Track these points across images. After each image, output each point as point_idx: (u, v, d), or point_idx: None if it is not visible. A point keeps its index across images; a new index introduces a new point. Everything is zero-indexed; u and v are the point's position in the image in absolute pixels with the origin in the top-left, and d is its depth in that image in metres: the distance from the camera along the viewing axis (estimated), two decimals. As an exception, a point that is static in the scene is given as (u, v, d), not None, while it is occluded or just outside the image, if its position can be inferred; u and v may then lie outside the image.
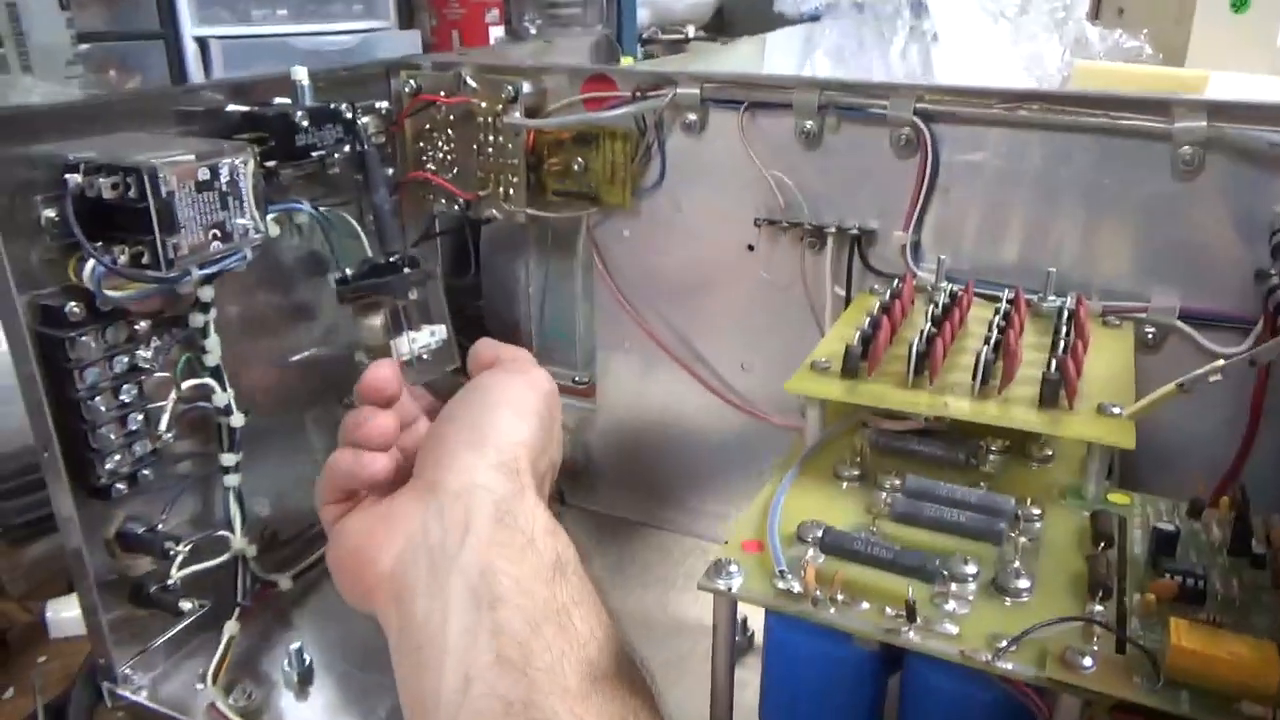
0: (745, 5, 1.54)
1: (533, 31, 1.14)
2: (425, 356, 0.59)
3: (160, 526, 0.52)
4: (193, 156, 0.46)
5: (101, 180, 0.44)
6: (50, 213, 0.45)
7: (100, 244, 0.45)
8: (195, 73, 1.03)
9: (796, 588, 0.35)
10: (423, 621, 0.35)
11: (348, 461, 0.41)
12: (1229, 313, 0.49)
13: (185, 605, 0.52)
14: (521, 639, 0.33)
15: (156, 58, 1.03)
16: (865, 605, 0.34)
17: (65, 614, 0.60)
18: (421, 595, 0.35)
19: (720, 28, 1.60)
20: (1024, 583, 0.35)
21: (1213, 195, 0.49)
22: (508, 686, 0.32)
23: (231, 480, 0.55)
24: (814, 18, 1.34)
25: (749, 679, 0.41)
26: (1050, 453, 0.44)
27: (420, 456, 0.41)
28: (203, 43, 1.02)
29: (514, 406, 0.42)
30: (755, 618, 0.44)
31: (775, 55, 1.23)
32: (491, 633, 0.33)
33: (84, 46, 0.94)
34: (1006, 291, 0.51)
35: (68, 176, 0.44)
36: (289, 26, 1.08)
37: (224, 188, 0.48)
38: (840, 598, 0.34)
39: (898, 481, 0.41)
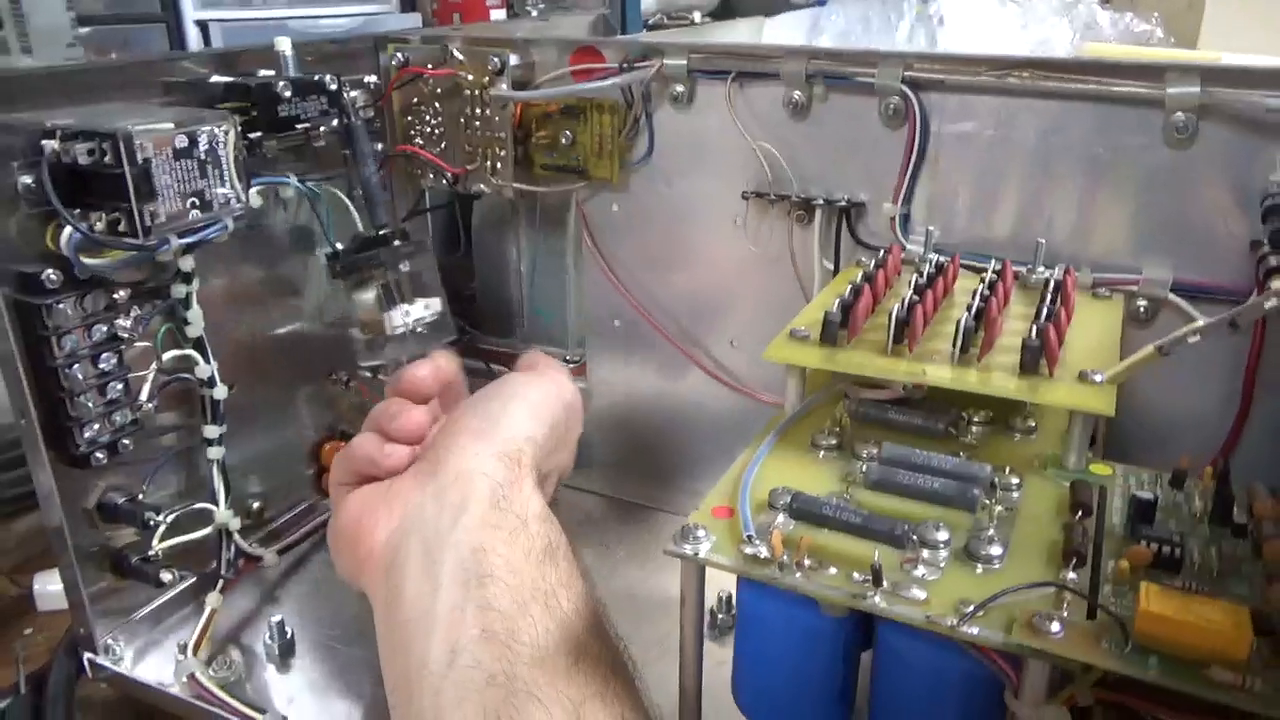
0: (752, -10, 1.53)
1: (534, 14, 1.13)
2: (420, 329, 0.59)
3: (142, 497, 0.52)
4: (170, 124, 0.46)
5: (78, 146, 0.44)
6: (27, 179, 0.45)
7: (77, 211, 0.45)
8: (197, 56, 1.03)
9: (764, 553, 0.34)
10: (413, 596, 0.35)
11: (371, 449, 0.41)
12: (1224, 285, 0.48)
13: (166, 577, 0.52)
14: (508, 615, 0.33)
15: (158, 41, 1.03)
16: (833, 571, 0.34)
17: (52, 587, 0.60)
18: (413, 571, 0.36)
19: (727, 13, 1.58)
20: (996, 550, 0.34)
21: (1207, 163, 0.47)
22: (492, 659, 0.32)
23: (215, 452, 0.55)
24: (820, 2, 1.33)
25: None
26: (1033, 424, 0.43)
27: (432, 440, 0.42)
28: (204, 26, 1.02)
29: (530, 404, 0.42)
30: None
31: (781, 39, 1.22)
32: (479, 608, 0.33)
33: (85, 29, 0.95)
34: (994, 263, 0.50)
35: (44, 143, 0.44)
36: (291, 10, 1.08)
37: (203, 156, 0.48)
38: (807, 563, 0.34)
39: (875, 451, 0.40)
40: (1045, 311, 0.43)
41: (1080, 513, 0.36)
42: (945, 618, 0.31)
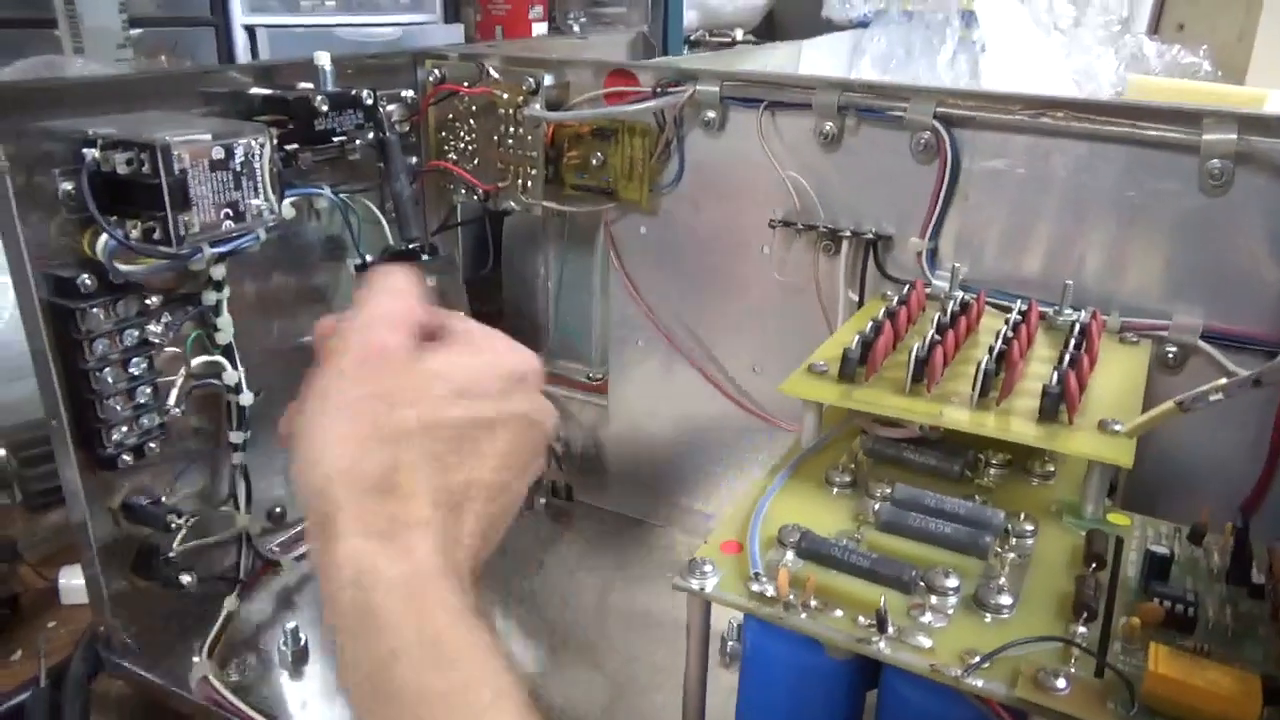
0: (795, 9, 1.53)
1: (576, 29, 1.14)
2: None
3: (165, 500, 0.53)
4: (208, 135, 0.47)
5: (117, 156, 0.45)
6: (68, 186, 0.46)
7: (114, 218, 0.46)
8: (242, 60, 1.05)
9: (770, 591, 0.34)
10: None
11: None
12: (1256, 335, 0.47)
13: (186, 579, 0.53)
14: None
15: (206, 43, 1.05)
16: (839, 613, 0.33)
17: (76, 581, 0.61)
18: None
19: (770, 32, 1.59)
20: (1006, 599, 0.34)
21: (1243, 211, 0.47)
22: None
23: (238, 458, 0.56)
24: (863, 24, 1.33)
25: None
26: (1052, 469, 0.43)
27: None
28: (251, 31, 1.04)
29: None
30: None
31: (821, 60, 1.22)
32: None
33: (136, 31, 0.97)
34: (1020, 303, 0.50)
35: (85, 151, 0.45)
36: (337, 17, 1.10)
37: (238, 168, 0.49)
38: (814, 604, 0.34)
39: (889, 490, 0.40)
40: (1068, 357, 0.42)
41: (1094, 564, 0.36)
42: (950, 668, 0.31)
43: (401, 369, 0.31)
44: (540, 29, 1.13)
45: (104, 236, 0.46)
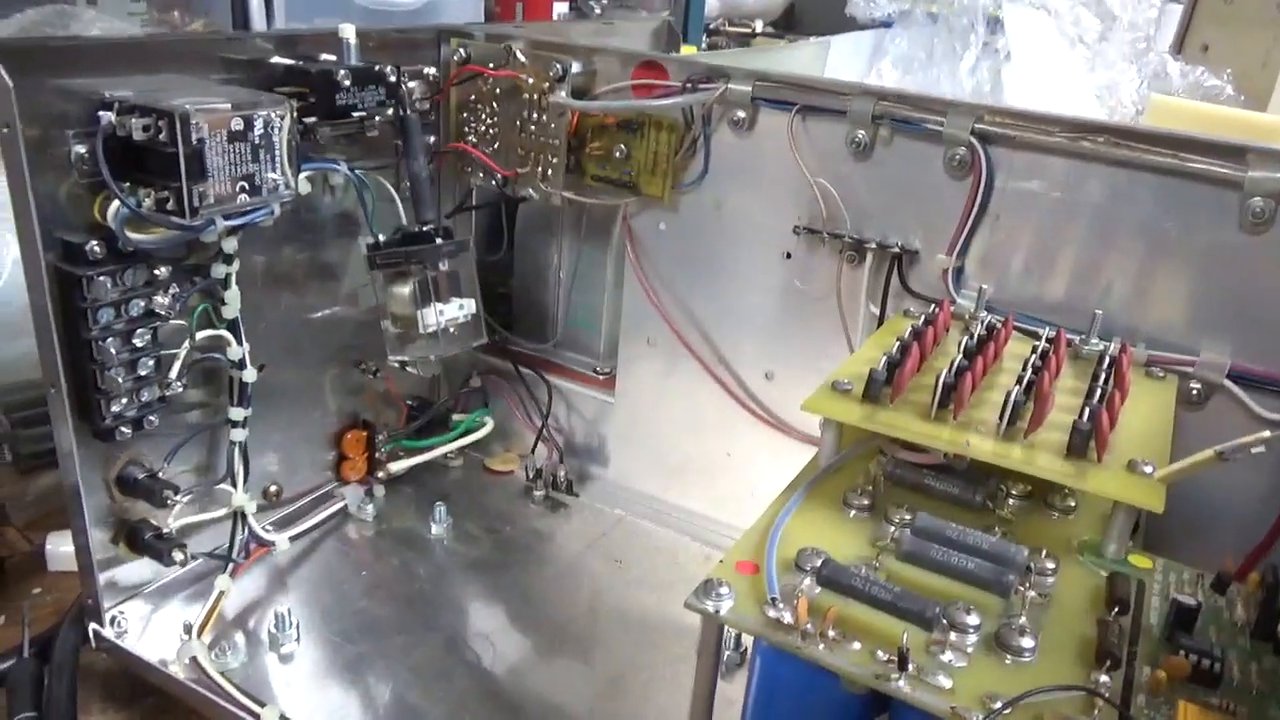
0: (817, 4, 1.51)
1: (598, 10, 1.12)
2: (452, 330, 0.59)
3: (161, 474, 0.52)
4: (228, 105, 0.46)
5: (134, 121, 0.43)
6: (81, 149, 0.45)
7: (127, 185, 0.45)
8: (258, 21, 1.03)
9: (787, 618, 0.33)
10: None
11: None
12: (1282, 376, 0.47)
13: (178, 555, 0.52)
14: None
15: (222, 2, 1.03)
16: (857, 645, 0.33)
17: (64, 548, 0.60)
18: None
19: (790, 25, 1.57)
20: (1028, 641, 0.33)
21: (1281, 251, 0.46)
22: None
23: (238, 435, 0.54)
24: (886, 24, 1.31)
25: (739, 695, 0.40)
26: (1073, 503, 0.42)
27: None
28: (267, -10, 1.01)
29: None
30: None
31: (841, 59, 1.20)
32: None
33: (150, -15, 0.95)
34: (1047, 329, 0.49)
35: (101, 114, 0.44)
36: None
37: (257, 140, 0.47)
38: (832, 634, 0.33)
39: (908, 516, 0.39)
40: (1099, 392, 0.41)
41: (1117, 609, 0.35)
42: (971, 711, 0.30)
43: None
44: (561, 9, 1.11)
45: (115, 203, 0.44)
